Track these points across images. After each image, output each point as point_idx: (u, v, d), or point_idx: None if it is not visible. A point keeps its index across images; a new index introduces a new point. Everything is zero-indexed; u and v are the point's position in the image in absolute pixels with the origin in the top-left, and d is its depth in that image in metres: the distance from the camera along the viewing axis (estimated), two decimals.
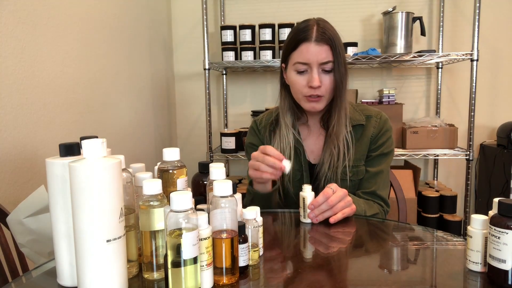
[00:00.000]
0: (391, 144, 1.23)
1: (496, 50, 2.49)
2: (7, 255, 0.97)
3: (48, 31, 1.38)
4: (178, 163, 0.77)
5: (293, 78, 1.16)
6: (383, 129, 1.22)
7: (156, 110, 2.42)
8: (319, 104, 1.16)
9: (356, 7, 2.55)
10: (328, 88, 1.14)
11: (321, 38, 1.11)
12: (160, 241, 0.69)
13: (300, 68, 1.14)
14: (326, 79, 1.13)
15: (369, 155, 1.22)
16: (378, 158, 1.21)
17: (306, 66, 1.13)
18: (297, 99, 1.20)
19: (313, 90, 1.13)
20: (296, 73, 1.15)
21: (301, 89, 1.15)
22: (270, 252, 0.82)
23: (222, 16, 2.62)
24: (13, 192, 1.21)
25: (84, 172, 0.59)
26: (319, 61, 1.11)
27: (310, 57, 1.11)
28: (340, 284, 0.69)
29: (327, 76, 1.13)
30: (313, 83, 1.11)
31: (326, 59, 1.11)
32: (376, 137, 1.21)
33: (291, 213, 1.11)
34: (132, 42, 2.09)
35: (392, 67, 2.58)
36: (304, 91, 1.15)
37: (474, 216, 0.70)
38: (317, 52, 1.10)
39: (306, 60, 1.12)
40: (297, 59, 1.13)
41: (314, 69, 1.12)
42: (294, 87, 1.17)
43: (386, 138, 1.22)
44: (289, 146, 1.21)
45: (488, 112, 2.54)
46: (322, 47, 1.11)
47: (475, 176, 2.53)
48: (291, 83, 1.18)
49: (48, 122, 1.37)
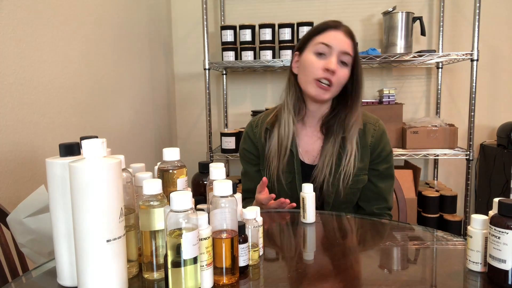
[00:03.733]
0: (392, 156, 1.25)
1: (496, 50, 2.49)
2: (7, 255, 0.97)
3: (48, 31, 1.38)
4: (178, 163, 0.77)
5: (311, 58, 1.16)
6: (382, 141, 1.22)
7: (156, 110, 2.42)
8: (325, 93, 1.16)
9: (356, 7, 2.55)
10: (341, 79, 1.15)
11: (348, 32, 1.17)
12: (160, 241, 0.69)
13: (321, 49, 1.15)
14: (341, 70, 1.15)
15: (377, 169, 1.22)
16: (386, 172, 1.23)
17: (328, 49, 1.14)
18: (306, 82, 1.18)
19: (327, 74, 1.13)
20: (315, 55, 1.16)
21: (315, 70, 1.15)
22: (270, 252, 0.82)
23: (222, 16, 2.62)
24: (13, 192, 1.21)
25: (84, 172, 0.59)
26: (341, 49, 1.14)
27: (335, 42, 1.14)
28: (340, 284, 0.69)
29: (342, 68, 1.15)
30: (330, 66, 1.12)
31: (348, 50, 1.15)
32: (376, 149, 1.21)
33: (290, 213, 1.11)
34: (132, 42, 2.09)
35: (392, 67, 2.58)
36: (318, 73, 1.14)
37: (474, 216, 0.70)
38: (342, 41, 1.15)
39: (330, 42, 1.14)
40: (321, 40, 1.15)
41: (334, 54, 1.14)
42: (309, 68, 1.16)
43: (388, 151, 1.23)
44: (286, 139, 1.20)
45: (488, 112, 2.54)
46: (348, 40, 1.16)
47: (475, 176, 2.53)
48: (306, 63, 1.17)
49: (48, 122, 1.37)
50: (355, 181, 1.19)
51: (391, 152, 1.24)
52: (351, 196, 1.21)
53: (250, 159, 1.29)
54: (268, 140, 1.24)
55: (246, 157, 1.30)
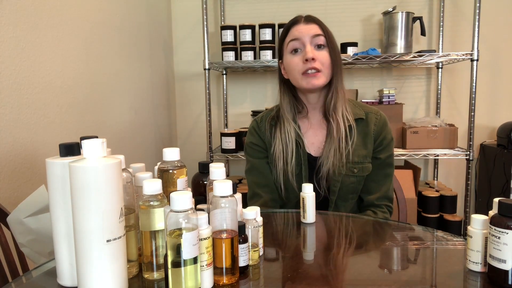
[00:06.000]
0: (393, 145, 1.27)
1: (496, 50, 2.49)
2: (7, 255, 0.97)
3: (48, 31, 1.38)
4: (178, 163, 0.77)
5: (289, 59, 1.20)
6: (384, 129, 1.24)
7: (156, 110, 2.42)
8: (318, 79, 1.16)
9: (356, 7, 2.55)
10: (325, 62, 1.17)
11: (309, 19, 1.21)
12: (160, 241, 0.69)
13: (293, 46, 1.18)
14: (320, 54, 1.17)
15: (378, 157, 1.23)
16: (387, 160, 1.24)
17: (299, 43, 1.17)
18: (295, 80, 1.20)
19: (309, 63, 1.15)
20: (291, 55, 1.19)
21: (297, 66, 1.17)
22: (270, 252, 0.82)
23: (222, 16, 2.62)
24: (13, 192, 1.21)
25: (84, 172, 0.59)
26: (310, 35, 1.17)
27: (301, 34, 1.18)
28: (340, 284, 0.69)
29: (320, 51, 1.17)
30: (307, 55, 1.15)
31: (316, 32, 1.17)
32: (379, 137, 1.23)
33: (290, 213, 1.11)
34: (132, 42, 2.09)
35: (392, 67, 2.58)
36: (300, 67, 1.17)
37: (474, 216, 0.70)
38: (307, 28, 1.18)
39: (297, 35, 1.18)
40: (290, 38, 1.19)
41: (307, 44, 1.17)
42: (291, 67, 1.19)
43: (389, 139, 1.25)
44: (291, 142, 1.21)
45: (488, 112, 2.54)
46: (311, 25, 1.19)
47: (475, 176, 2.53)
48: (288, 66, 1.21)
49: (48, 122, 1.37)
50: (361, 169, 1.21)
51: (392, 140, 1.26)
52: (356, 185, 1.22)
53: (258, 151, 1.29)
54: (272, 137, 1.24)
55: (253, 150, 1.29)
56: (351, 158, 1.19)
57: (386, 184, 1.24)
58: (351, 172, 1.20)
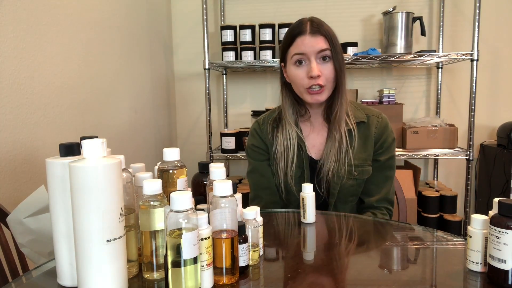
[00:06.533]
0: (394, 146, 1.26)
1: (496, 50, 2.49)
2: (7, 255, 0.97)
3: (48, 31, 1.38)
4: (178, 163, 0.77)
5: (293, 71, 1.17)
6: (385, 132, 1.23)
7: (156, 110, 2.42)
8: (322, 95, 1.16)
9: (356, 7, 2.55)
10: (329, 77, 1.15)
11: (315, 30, 1.14)
12: (160, 241, 0.69)
13: (298, 59, 1.15)
14: (325, 68, 1.14)
15: (378, 160, 1.23)
16: (387, 163, 1.23)
17: (304, 57, 1.14)
18: (299, 93, 1.19)
19: (314, 80, 1.13)
20: (296, 67, 1.16)
21: (301, 81, 1.15)
22: (270, 252, 0.82)
23: (222, 16, 2.62)
24: (13, 192, 1.21)
25: (84, 172, 0.59)
26: (316, 50, 1.13)
27: (306, 48, 1.13)
28: (340, 284, 0.69)
29: (326, 65, 1.15)
30: (312, 73, 1.12)
31: (321, 47, 1.13)
32: (380, 140, 1.22)
33: (290, 213, 1.11)
34: (132, 42, 2.09)
35: (392, 67, 2.58)
36: (304, 83, 1.15)
37: (474, 216, 0.70)
38: (313, 42, 1.13)
39: (303, 50, 1.14)
40: (294, 51, 1.15)
41: (312, 59, 1.13)
42: (295, 80, 1.17)
43: (390, 142, 1.24)
44: (292, 145, 1.21)
45: (488, 112, 2.54)
46: (318, 38, 1.14)
47: (475, 176, 2.53)
48: (292, 77, 1.19)
49: (48, 122, 1.37)
50: (361, 172, 1.20)
51: (393, 142, 1.25)
52: (356, 188, 1.21)
53: (260, 154, 1.28)
54: (274, 139, 1.24)
55: (255, 153, 1.29)
56: (351, 161, 1.19)
57: (386, 187, 1.24)
58: (351, 175, 1.19)
